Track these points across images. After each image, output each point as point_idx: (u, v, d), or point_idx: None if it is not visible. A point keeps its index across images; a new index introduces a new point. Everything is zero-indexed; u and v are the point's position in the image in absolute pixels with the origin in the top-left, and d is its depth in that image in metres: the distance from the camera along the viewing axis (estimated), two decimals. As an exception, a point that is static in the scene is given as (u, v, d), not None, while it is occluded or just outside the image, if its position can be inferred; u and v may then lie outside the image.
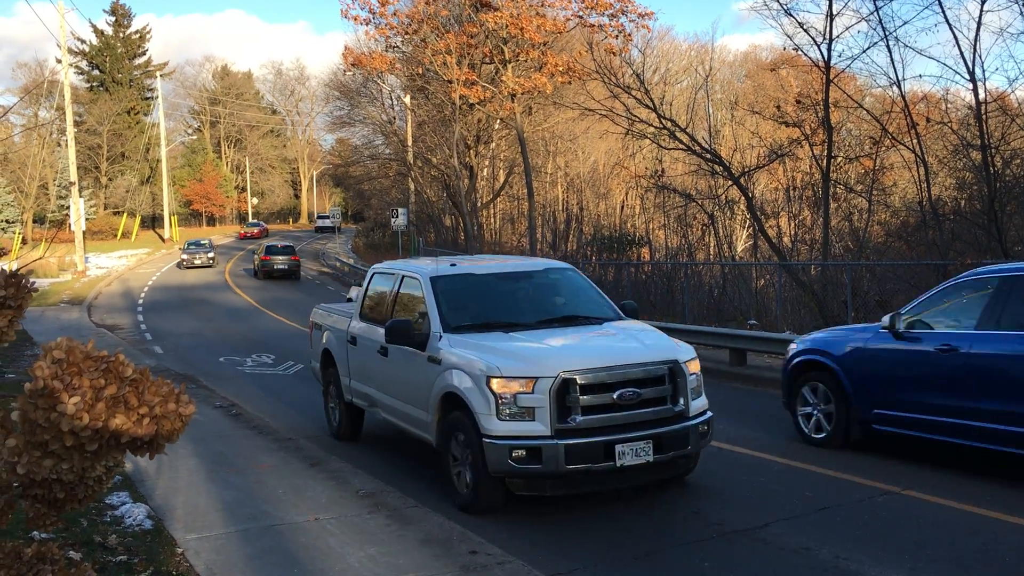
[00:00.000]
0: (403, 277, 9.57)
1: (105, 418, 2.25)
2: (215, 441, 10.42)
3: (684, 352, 8.01)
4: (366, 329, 9.97)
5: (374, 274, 10.51)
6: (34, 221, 66.54)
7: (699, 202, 28.36)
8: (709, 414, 8.03)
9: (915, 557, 6.58)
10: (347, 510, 7.55)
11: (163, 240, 67.07)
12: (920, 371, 8.80)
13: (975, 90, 18.36)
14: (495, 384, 7.34)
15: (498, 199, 47.64)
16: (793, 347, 10.67)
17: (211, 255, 49.81)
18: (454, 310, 8.58)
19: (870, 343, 9.47)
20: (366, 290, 10.36)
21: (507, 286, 9.44)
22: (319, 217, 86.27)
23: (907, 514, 7.57)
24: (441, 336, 8.19)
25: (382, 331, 8.93)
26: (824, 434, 9.84)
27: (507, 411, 7.28)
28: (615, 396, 7.33)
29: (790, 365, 10.44)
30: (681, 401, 7.64)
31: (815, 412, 10.02)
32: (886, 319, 9.26)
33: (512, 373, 7.32)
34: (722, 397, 13.89)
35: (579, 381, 7.27)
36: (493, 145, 45.58)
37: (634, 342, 8.16)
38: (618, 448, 7.24)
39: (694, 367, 8.00)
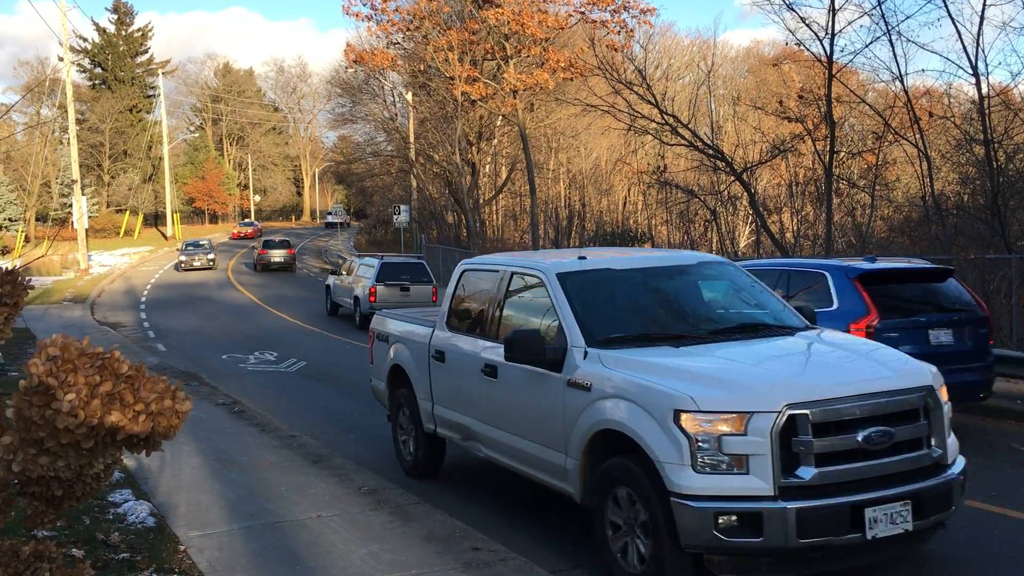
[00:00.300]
0: (513, 275, 7.57)
1: (100, 415, 2.24)
2: (218, 438, 10.42)
3: (934, 374, 5.97)
4: (460, 342, 8.00)
5: (465, 272, 8.48)
6: (37, 219, 66.60)
7: (701, 198, 28.32)
8: (963, 459, 6.02)
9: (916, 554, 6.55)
10: (349, 507, 7.54)
11: (166, 238, 67.13)
12: None
13: (978, 84, 18.32)
14: (688, 421, 5.32)
15: (500, 196, 47.63)
16: None
17: (211, 256, 46.51)
18: (596, 317, 6.61)
19: None
20: (453, 293, 8.43)
21: (656, 285, 7.29)
22: (328, 213, 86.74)
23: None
24: (586, 352, 6.22)
25: (486, 345, 7.39)
26: None
27: (707, 460, 5.28)
28: (860, 438, 5.32)
29: None
30: (937, 443, 5.68)
31: None
32: None
33: (714, 406, 5.32)
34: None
35: (812, 417, 5.25)
36: (495, 142, 45.56)
37: (868, 361, 6.11)
38: (868, 513, 5.22)
39: (945, 394, 5.98)
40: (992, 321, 11.07)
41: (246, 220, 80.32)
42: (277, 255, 46.28)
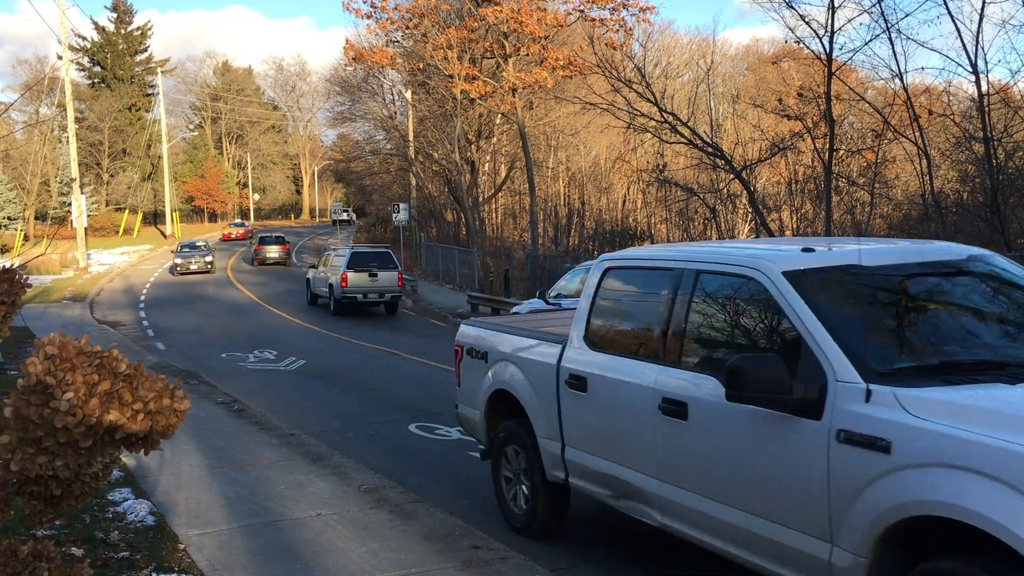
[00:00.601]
0: (700, 274, 5.38)
1: (99, 414, 2.23)
2: (217, 437, 10.41)
3: None
4: (613, 366, 5.87)
5: (609, 270, 6.35)
6: (36, 218, 66.59)
7: (701, 196, 28.32)
8: None
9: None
10: (349, 505, 7.53)
11: (165, 236, 67.12)
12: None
13: (977, 82, 18.32)
14: None
15: (500, 194, 47.62)
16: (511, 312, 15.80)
17: (209, 259, 43.62)
18: (865, 337, 4.48)
19: (534, 307, 14.22)
20: (593, 298, 6.33)
21: (929, 288, 5.17)
22: (335, 211, 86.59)
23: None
24: (869, 391, 4.09)
25: (662, 372, 5.35)
26: None
27: None
28: None
29: None
30: None
31: None
32: (538, 292, 16.06)
33: None
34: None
35: None
36: (494, 140, 45.55)
37: None
38: None
39: None
40: None
41: (236, 221, 75.75)
42: (272, 251, 49.22)
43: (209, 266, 43.51)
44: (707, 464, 5.01)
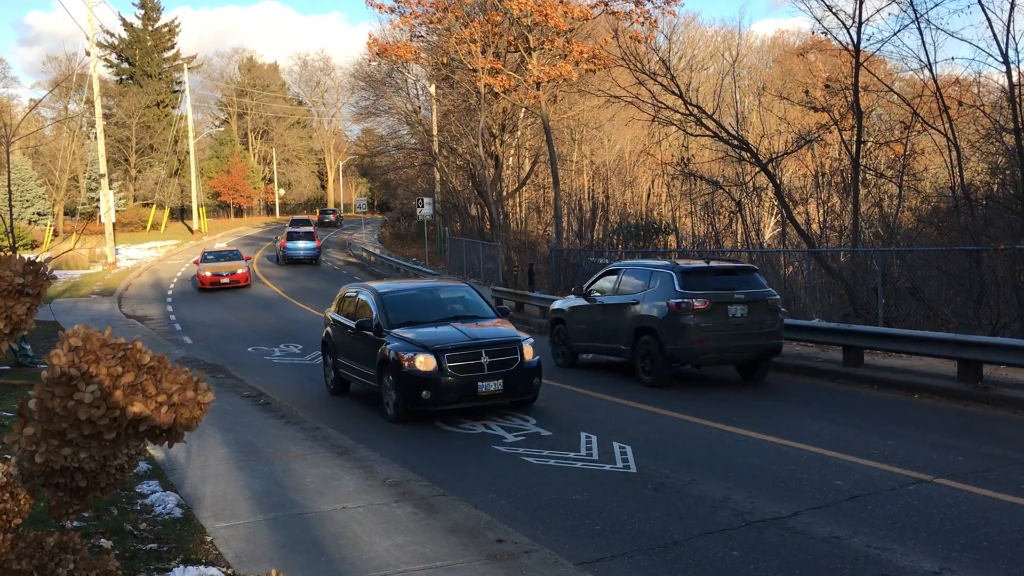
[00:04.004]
0: None
1: (123, 406, 2.23)
2: (243, 430, 10.47)
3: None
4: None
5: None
6: (65, 213, 67.30)
7: (726, 189, 28.11)
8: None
9: (948, 546, 6.48)
10: (374, 499, 7.55)
11: (192, 231, 67.61)
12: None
13: (1008, 73, 18.05)
14: None
15: (524, 188, 47.54)
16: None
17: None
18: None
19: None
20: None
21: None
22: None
23: (939, 502, 7.45)
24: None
25: None
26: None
27: None
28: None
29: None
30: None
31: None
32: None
33: None
34: (750, 385, 13.78)
35: None
36: (519, 134, 45.45)
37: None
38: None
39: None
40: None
41: (214, 250, 39.70)
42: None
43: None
44: None
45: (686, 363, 13.72)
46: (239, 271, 34.51)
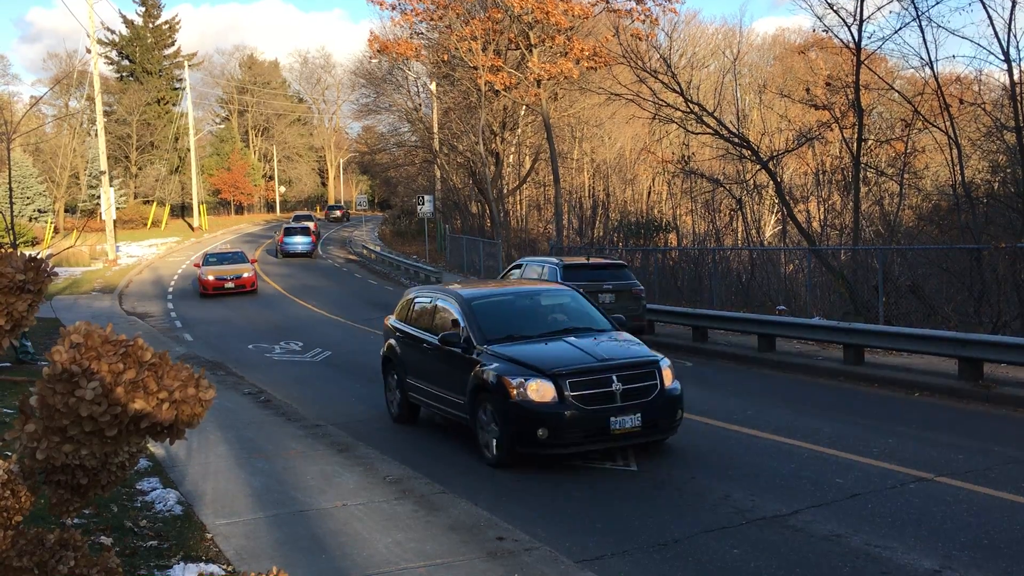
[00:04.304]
0: None
1: (124, 403, 2.23)
2: (244, 428, 10.48)
3: None
4: None
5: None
6: (65, 210, 67.25)
7: (727, 187, 28.11)
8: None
9: (948, 544, 6.48)
10: (375, 496, 7.55)
11: (192, 229, 67.59)
12: None
13: (1009, 71, 18.04)
14: None
15: (524, 186, 47.51)
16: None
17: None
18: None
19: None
20: None
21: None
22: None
23: (940, 500, 7.45)
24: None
25: None
26: None
27: None
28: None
29: None
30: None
31: None
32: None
33: None
34: (750, 383, 13.80)
35: None
36: (519, 131, 45.43)
37: None
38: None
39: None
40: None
41: (219, 252, 36.52)
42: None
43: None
44: None
45: None
46: (244, 274, 31.58)
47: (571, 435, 8.72)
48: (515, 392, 8.77)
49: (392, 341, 11.70)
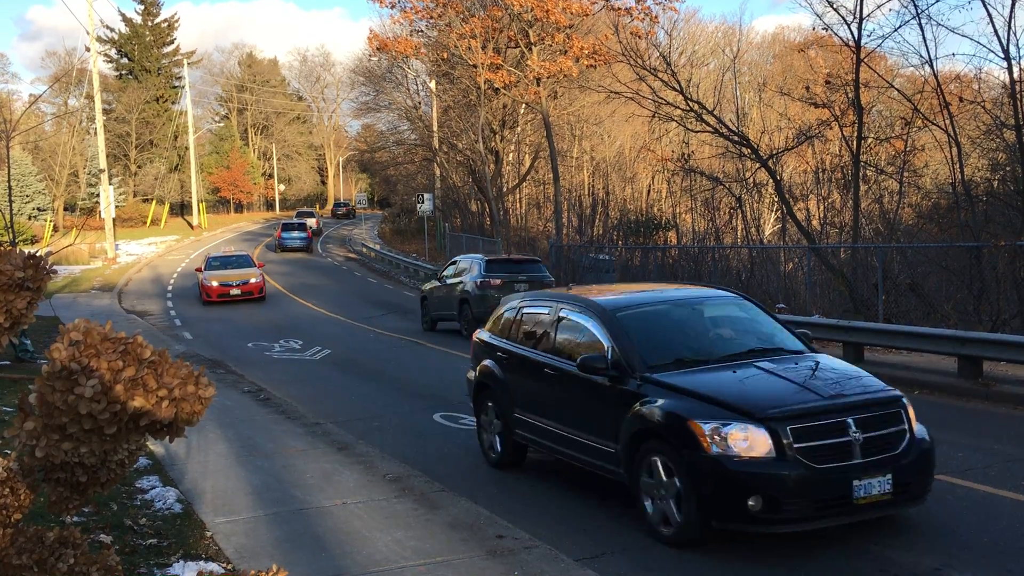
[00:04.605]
0: None
1: (123, 400, 2.23)
2: (244, 426, 10.47)
3: None
4: None
5: None
6: (65, 209, 67.21)
7: (727, 185, 28.10)
8: None
9: (948, 542, 6.47)
10: (375, 494, 7.55)
11: (192, 227, 67.54)
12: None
13: (1009, 69, 18.04)
14: None
15: (524, 184, 47.49)
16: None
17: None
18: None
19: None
20: None
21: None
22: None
23: (940, 499, 7.41)
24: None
25: None
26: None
27: None
28: None
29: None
30: None
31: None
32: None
33: None
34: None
35: None
36: (519, 130, 45.41)
37: None
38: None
39: None
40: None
41: (223, 256, 33.25)
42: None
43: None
44: None
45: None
46: (252, 280, 29.22)
47: (798, 506, 6.22)
48: (708, 442, 6.29)
49: (488, 363, 9.21)
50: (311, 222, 59.55)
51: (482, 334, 9.77)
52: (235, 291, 28.79)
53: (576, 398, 7.78)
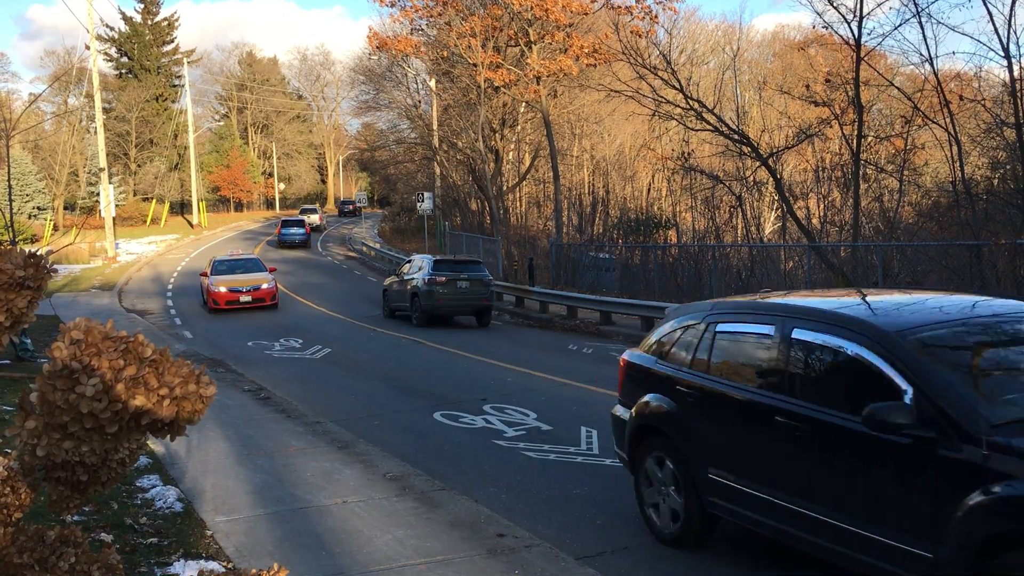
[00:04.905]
0: None
1: (125, 399, 2.23)
2: (244, 425, 10.47)
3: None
4: None
5: None
6: (65, 208, 67.24)
7: (727, 184, 28.11)
8: None
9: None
10: (375, 493, 7.55)
11: (192, 226, 67.56)
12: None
13: (1009, 67, 18.05)
14: None
15: (524, 183, 47.49)
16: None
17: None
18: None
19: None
20: None
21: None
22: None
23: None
24: None
25: None
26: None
27: None
28: None
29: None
30: None
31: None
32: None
33: None
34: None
35: None
36: (519, 128, 45.41)
37: None
38: None
39: None
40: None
41: (230, 259, 30.01)
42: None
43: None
44: None
45: (433, 313, 22.72)
46: (263, 286, 26.52)
47: None
48: None
49: (657, 400, 6.76)
50: (314, 218, 63.64)
51: (639, 358, 7.31)
52: (245, 298, 26.11)
53: (843, 465, 5.19)
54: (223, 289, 25.97)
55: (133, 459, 2.69)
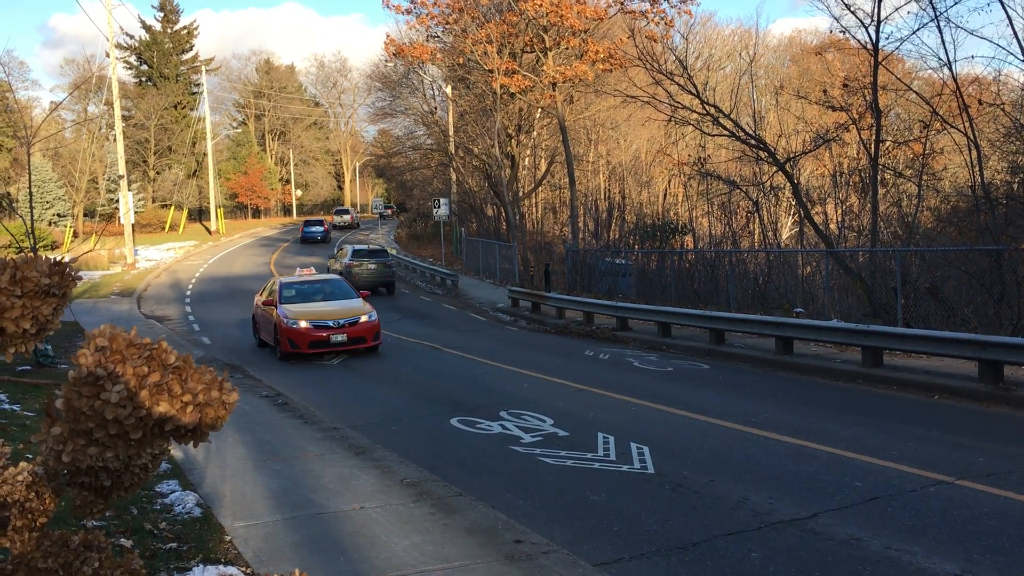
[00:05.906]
0: None
1: (149, 406, 2.25)
2: (262, 430, 10.52)
3: None
4: None
5: None
6: (84, 215, 67.78)
7: (743, 189, 28.02)
8: None
9: (969, 548, 6.43)
10: (392, 499, 7.57)
11: (210, 232, 67.92)
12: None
13: (1029, 70, 17.89)
14: None
15: (540, 188, 47.54)
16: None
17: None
18: None
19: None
20: None
21: None
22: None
23: (961, 504, 7.39)
24: None
25: None
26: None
27: None
28: None
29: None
30: None
31: None
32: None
33: None
34: (768, 385, 13.74)
35: None
36: (535, 134, 45.46)
37: None
38: None
39: None
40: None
41: (305, 282, 21.33)
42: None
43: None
44: None
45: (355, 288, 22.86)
46: (362, 319, 18.76)
47: None
48: None
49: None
50: (346, 218, 75.29)
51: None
52: (338, 337, 18.21)
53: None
54: (304, 324, 18.18)
55: (156, 465, 2.72)
